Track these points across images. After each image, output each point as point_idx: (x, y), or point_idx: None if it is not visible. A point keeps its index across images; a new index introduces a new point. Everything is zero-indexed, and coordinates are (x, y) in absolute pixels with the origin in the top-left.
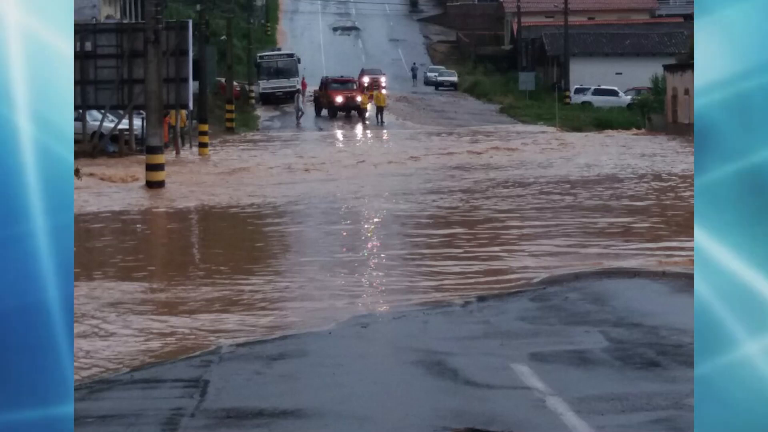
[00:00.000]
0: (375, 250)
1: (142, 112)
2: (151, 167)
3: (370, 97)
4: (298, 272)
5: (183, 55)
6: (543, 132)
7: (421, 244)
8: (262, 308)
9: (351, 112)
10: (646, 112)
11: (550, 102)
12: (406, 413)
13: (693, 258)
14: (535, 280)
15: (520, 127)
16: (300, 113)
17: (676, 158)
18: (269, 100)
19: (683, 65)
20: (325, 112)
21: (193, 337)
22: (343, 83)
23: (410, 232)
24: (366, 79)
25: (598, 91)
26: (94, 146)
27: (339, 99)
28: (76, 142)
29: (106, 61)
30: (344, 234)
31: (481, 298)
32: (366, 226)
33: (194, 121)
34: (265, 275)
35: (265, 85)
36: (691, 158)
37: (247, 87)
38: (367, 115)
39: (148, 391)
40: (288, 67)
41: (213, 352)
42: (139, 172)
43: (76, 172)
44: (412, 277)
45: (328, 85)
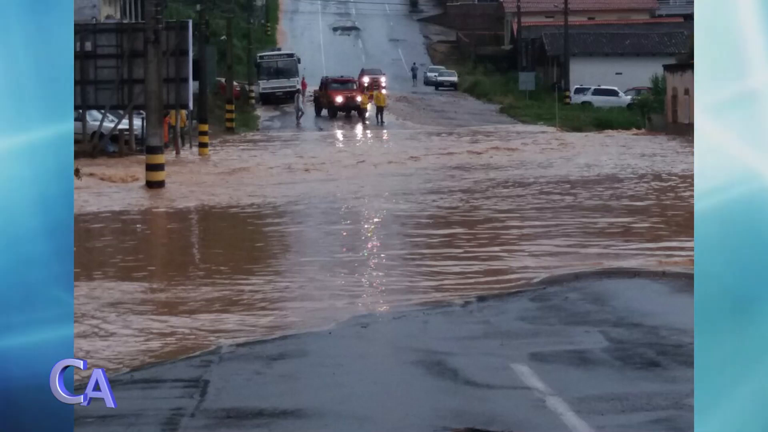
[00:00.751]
0: (375, 250)
1: (142, 112)
2: (151, 167)
3: (370, 97)
4: (298, 272)
5: (183, 55)
6: (543, 132)
7: (421, 244)
8: (262, 308)
9: (351, 112)
10: (646, 112)
11: (550, 102)
12: (406, 413)
13: (693, 258)
14: (535, 280)
15: (520, 127)
16: (300, 113)
17: (676, 158)
18: (269, 100)
19: (683, 65)
20: (325, 112)
21: (193, 337)
22: (343, 83)
23: (410, 232)
24: (366, 79)
25: (598, 91)
26: (94, 146)
27: (339, 99)
28: (76, 142)
29: (106, 61)
30: (344, 234)
31: (481, 298)
32: (366, 226)
33: (194, 121)
34: (265, 275)
35: (265, 85)
36: (691, 158)
37: (247, 87)
38: (367, 115)
39: (148, 391)
40: (288, 67)
41: (213, 352)
42: (139, 172)
43: (76, 172)
44: (412, 277)
45: (328, 85)
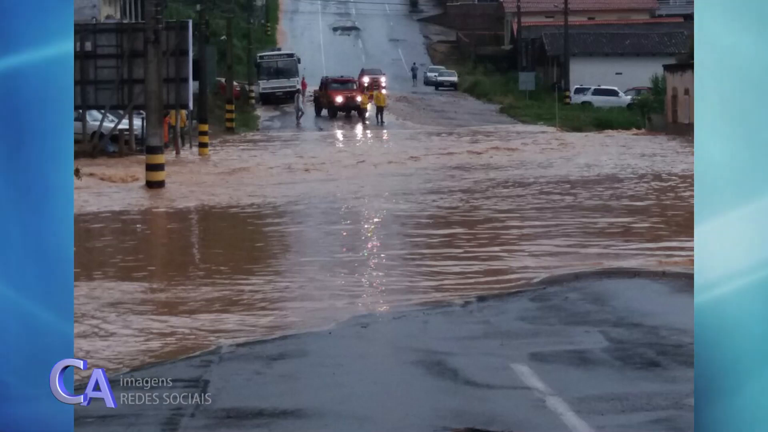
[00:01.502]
0: (375, 250)
1: (142, 112)
2: (151, 167)
3: (370, 97)
4: (298, 272)
5: (183, 55)
6: (543, 132)
7: (421, 244)
8: (262, 308)
9: (351, 112)
10: (646, 112)
11: (550, 102)
12: (406, 413)
13: (693, 258)
14: (535, 280)
15: (520, 127)
16: (300, 113)
17: (676, 158)
18: (269, 100)
19: (683, 65)
20: (325, 112)
21: (193, 337)
22: (343, 83)
23: (410, 232)
24: (366, 79)
25: (598, 91)
26: (94, 146)
27: (339, 99)
28: (76, 142)
29: (106, 61)
30: (344, 234)
31: (481, 298)
32: (366, 226)
33: (194, 121)
34: (265, 275)
35: (265, 85)
36: (691, 158)
37: (247, 87)
38: (367, 115)
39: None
40: (288, 67)
41: (213, 352)
42: (139, 172)
43: (76, 172)
44: (412, 277)
45: (328, 85)
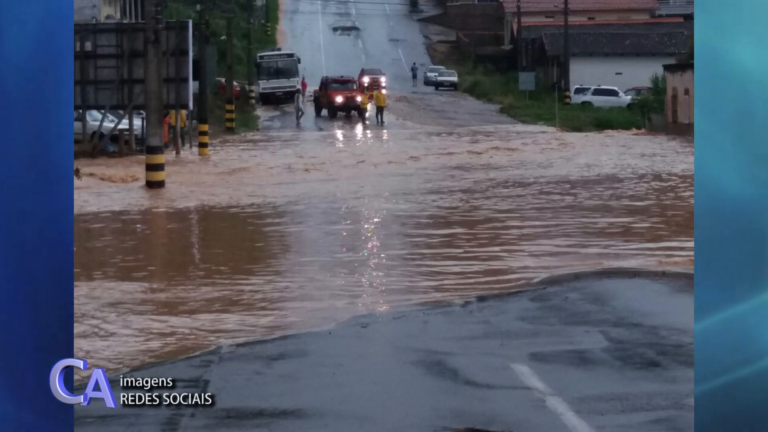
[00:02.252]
0: (375, 250)
1: (142, 112)
2: (151, 167)
3: (370, 97)
4: (298, 272)
5: (183, 55)
6: (543, 132)
7: (421, 244)
8: (262, 308)
9: (351, 112)
10: (646, 112)
11: (550, 102)
12: (406, 413)
13: (693, 258)
14: (535, 280)
15: (520, 127)
16: (300, 113)
17: (676, 158)
18: (269, 100)
19: (683, 65)
20: (325, 112)
21: (193, 337)
22: (343, 83)
23: (410, 232)
24: (366, 79)
25: (598, 91)
26: (94, 146)
27: (339, 99)
28: (76, 142)
29: (106, 61)
30: (344, 234)
31: (481, 298)
32: (366, 226)
33: (194, 121)
34: (265, 275)
35: (265, 85)
36: (691, 158)
37: (247, 87)
38: (367, 115)
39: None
40: (288, 67)
41: (213, 352)
42: (139, 172)
43: (76, 172)
44: (412, 277)
45: (328, 85)
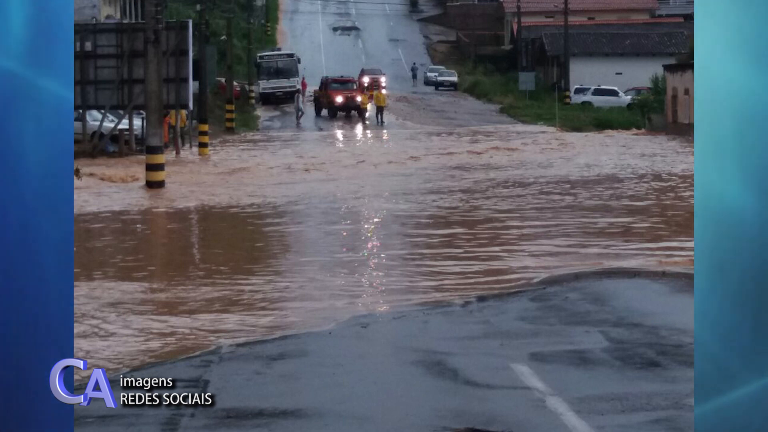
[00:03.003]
0: (375, 250)
1: (142, 112)
2: (151, 167)
3: (370, 97)
4: (298, 272)
5: (183, 55)
6: (543, 132)
7: (421, 244)
8: (262, 308)
9: (351, 112)
10: (646, 112)
11: (550, 102)
12: (406, 413)
13: (693, 258)
14: (535, 280)
15: (520, 127)
16: (300, 113)
17: (676, 158)
18: (269, 100)
19: (683, 65)
20: (325, 112)
21: (193, 337)
22: (343, 83)
23: (410, 232)
24: (366, 79)
25: (598, 91)
26: (94, 146)
27: (339, 99)
28: (76, 142)
29: (106, 61)
30: (344, 234)
31: (481, 298)
32: (366, 226)
33: (194, 121)
34: (265, 275)
35: (265, 85)
36: (691, 158)
37: (247, 87)
38: (367, 115)
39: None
40: (288, 67)
41: (213, 352)
42: (139, 172)
43: (76, 172)
44: (412, 277)
45: (328, 85)
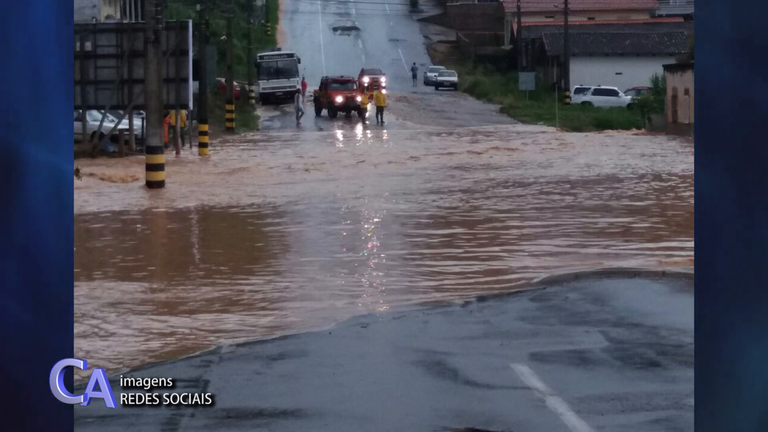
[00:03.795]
0: (375, 250)
1: (142, 112)
2: (151, 167)
3: (370, 97)
4: (298, 272)
5: (183, 55)
6: (543, 132)
7: (421, 244)
8: (262, 308)
9: (351, 112)
10: (646, 112)
11: (550, 102)
12: (406, 413)
13: (693, 258)
14: (535, 280)
15: (520, 127)
16: (300, 113)
17: (676, 158)
18: (269, 100)
19: (683, 65)
20: (325, 112)
21: (193, 337)
22: (343, 83)
23: (410, 232)
24: (366, 79)
25: (598, 91)
26: (94, 146)
27: (339, 99)
28: (76, 142)
29: (106, 61)
30: (344, 234)
31: (481, 298)
32: (366, 226)
33: (194, 121)
34: (265, 275)
35: (265, 85)
36: (691, 158)
37: (247, 87)
38: (367, 115)
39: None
40: (288, 67)
41: (213, 352)
42: (139, 172)
43: (76, 172)
44: (412, 277)
45: (328, 85)
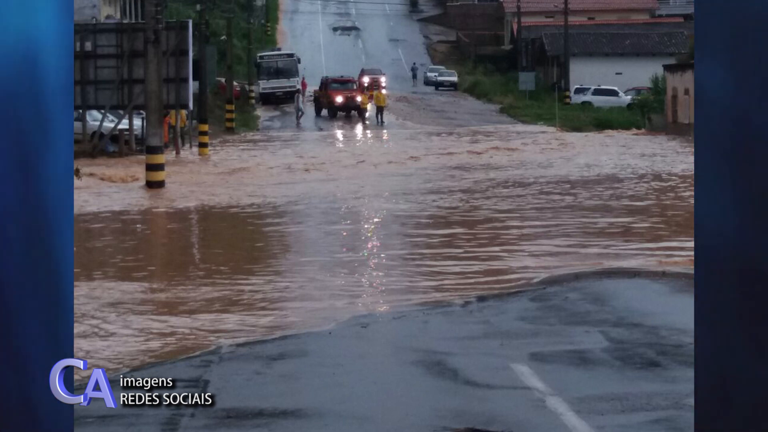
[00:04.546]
0: (375, 250)
1: (142, 112)
2: (151, 167)
3: (370, 97)
4: (298, 272)
5: (183, 55)
6: (543, 132)
7: (421, 244)
8: (262, 308)
9: (351, 112)
10: (646, 112)
11: (550, 102)
12: (406, 413)
13: (693, 258)
14: (535, 280)
15: (520, 127)
16: (300, 113)
17: (676, 158)
18: (269, 100)
19: (683, 65)
20: (325, 112)
21: (193, 337)
22: (343, 83)
23: (410, 232)
24: (366, 79)
25: (598, 91)
26: (94, 146)
27: (339, 99)
28: (76, 142)
29: (106, 61)
30: (344, 234)
31: (481, 298)
32: (366, 226)
33: (194, 121)
34: (265, 275)
35: (265, 85)
36: (691, 158)
37: (247, 87)
38: (367, 115)
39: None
40: (288, 67)
41: (213, 352)
42: (139, 172)
43: (76, 172)
44: (412, 277)
45: (328, 85)
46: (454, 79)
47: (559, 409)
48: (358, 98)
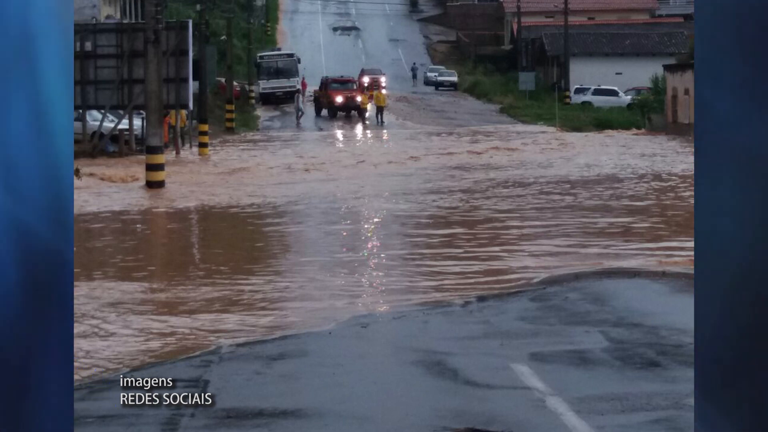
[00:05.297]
0: (375, 250)
1: (142, 112)
2: (151, 167)
3: (370, 97)
4: (298, 272)
5: (183, 55)
6: (543, 132)
7: (421, 244)
8: (262, 308)
9: (351, 112)
10: (646, 112)
11: (550, 102)
12: (406, 413)
13: (693, 258)
14: (535, 280)
15: (520, 127)
16: (300, 113)
17: (676, 158)
18: (269, 100)
19: (683, 65)
20: (325, 112)
21: (193, 337)
22: (343, 83)
23: (410, 232)
24: (366, 79)
25: (598, 91)
26: (94, 146)
27: (339, 99)
28: (76, 142)
29: (106, 61)
30: (344, 234)
31: (481, 298)
32: (366, 226)
33: (194, 121)
34: (265, 275)
35: (265, 85)
36: (691, 158)
37: (247, 87)
38: (367, 115)
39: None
40: (288, 67)
41: (213, 352)
42: (139, 172)
43: (76, 172)
44: (412, 277)
45: (328, 85)
46: (454, 79)
47: (559, 409)
48: (358, 98)
